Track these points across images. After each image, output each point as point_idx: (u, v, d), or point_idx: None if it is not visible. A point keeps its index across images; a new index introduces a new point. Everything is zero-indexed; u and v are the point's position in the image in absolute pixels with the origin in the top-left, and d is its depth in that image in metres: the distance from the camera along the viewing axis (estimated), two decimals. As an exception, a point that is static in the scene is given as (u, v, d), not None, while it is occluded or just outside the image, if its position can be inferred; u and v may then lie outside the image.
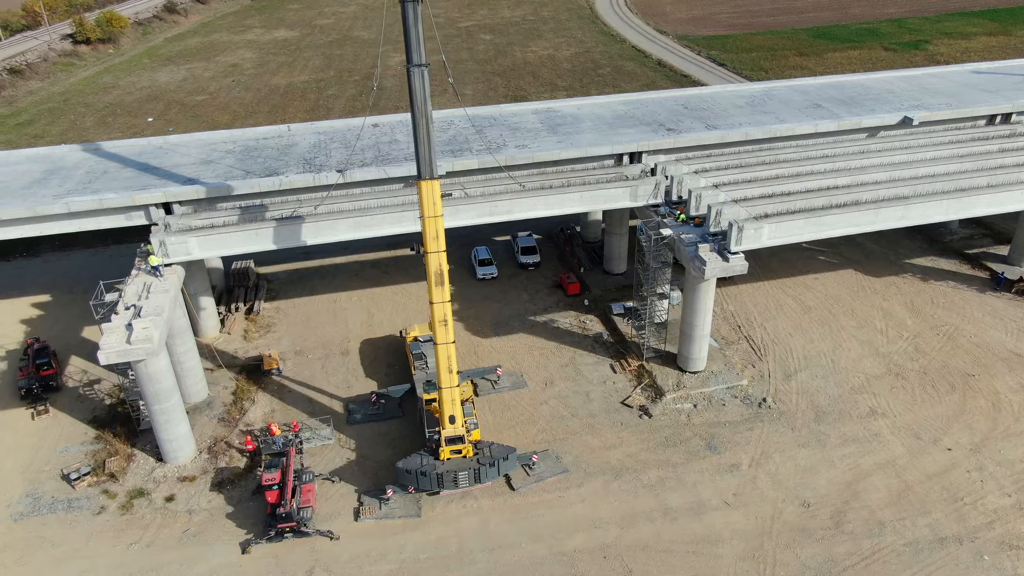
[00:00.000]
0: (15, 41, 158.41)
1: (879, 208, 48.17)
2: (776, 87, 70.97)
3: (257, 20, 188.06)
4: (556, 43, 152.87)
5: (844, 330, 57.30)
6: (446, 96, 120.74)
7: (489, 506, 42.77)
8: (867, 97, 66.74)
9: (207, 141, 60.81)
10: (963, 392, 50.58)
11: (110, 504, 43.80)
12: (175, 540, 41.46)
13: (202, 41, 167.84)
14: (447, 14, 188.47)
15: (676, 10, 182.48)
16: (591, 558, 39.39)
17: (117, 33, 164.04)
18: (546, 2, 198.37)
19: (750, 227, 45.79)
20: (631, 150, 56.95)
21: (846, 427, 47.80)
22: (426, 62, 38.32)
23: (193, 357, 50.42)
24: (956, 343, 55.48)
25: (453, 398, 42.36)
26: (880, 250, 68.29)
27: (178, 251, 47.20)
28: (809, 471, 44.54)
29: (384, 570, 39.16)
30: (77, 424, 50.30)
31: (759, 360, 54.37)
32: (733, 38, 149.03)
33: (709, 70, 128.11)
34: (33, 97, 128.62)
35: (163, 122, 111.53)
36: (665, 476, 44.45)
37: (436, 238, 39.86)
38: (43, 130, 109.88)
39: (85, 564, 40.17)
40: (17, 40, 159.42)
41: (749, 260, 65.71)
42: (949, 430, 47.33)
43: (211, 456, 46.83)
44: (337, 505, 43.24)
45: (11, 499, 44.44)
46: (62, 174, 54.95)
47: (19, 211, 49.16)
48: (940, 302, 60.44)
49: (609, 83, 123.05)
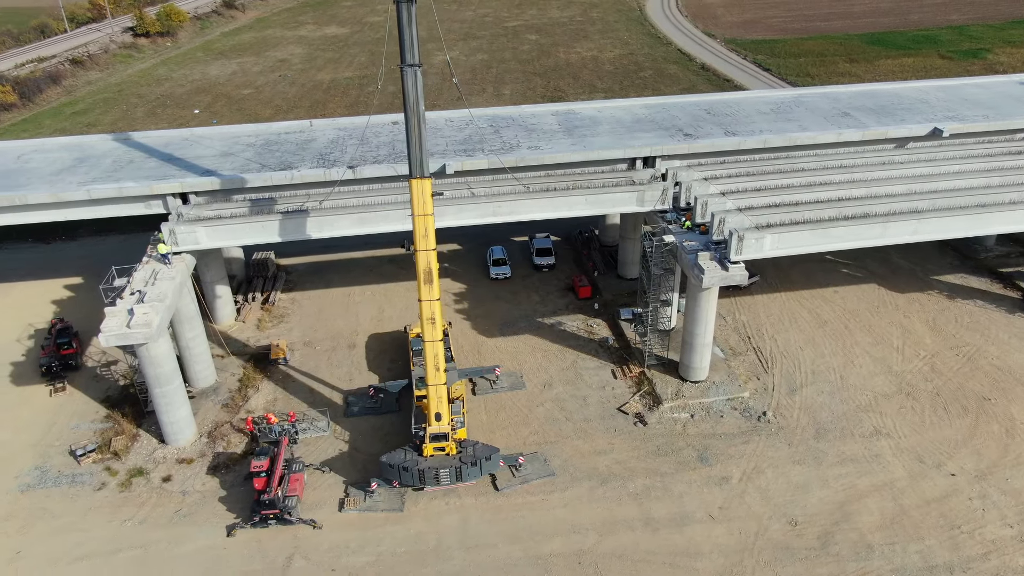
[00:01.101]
0: (80, 33, 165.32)
1: (888, 222, 46.60)
2: (806, 94, 69.27)
3: (310, 16, 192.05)
4: (601, 44, 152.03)
5: (858, 346, 55.63)
6: (485, 96, 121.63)
7: (471, 504, 42.98)
8: (900, 107, 64.62)
9: (231, 134, 62.49)
10: (976, 416, 48.60)
11: (111, 481, 45.49)
12: (166, 519, 42.85)
13: (256, 36, 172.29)
14: (496, 13, 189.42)
15: (728, 13, 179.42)
16: (565, 563, 39.23)
17: (176, 27, 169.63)
18: (597, 3, 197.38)
19: (751, 237, 44.87)
20: (644, 154, 56.36)
21: (846, 446, 46.44)
22: (419, 62, 38.56)
23: (201, 343, 51.94)
24: (976, 365, 53.31)
25: (440, 395, 42.67)
26: (908, 265, 66.05)
27: (187, 240, 48.68)
28: (801, 489, 43.44)
29: (360, 562, 39.74)
30: (90, 403, 52.36)
31: (765, 372, 53.22)
32: (782, 42, 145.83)
33: (753, 75, 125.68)
34: (91, 87, 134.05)
35: (208, 114, 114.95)
36: (652, 485, 43.93)
37: (425, 236, 40.21)
38: (96, 119, 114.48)
39: (80, 537, 41.84)
40: (82, 32, 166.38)
41: (768, 270, 65.42)
42: (955, 455, 45.55)
43: (210, 440, 48.21)
44: (324, 495, 44.03)
45: (21, 470, 46.57)
46: (90, 162, 57.20)
47: (44, 196, 51.44)
48: (964, 321, 58.14)
49: (649, 86, 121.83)
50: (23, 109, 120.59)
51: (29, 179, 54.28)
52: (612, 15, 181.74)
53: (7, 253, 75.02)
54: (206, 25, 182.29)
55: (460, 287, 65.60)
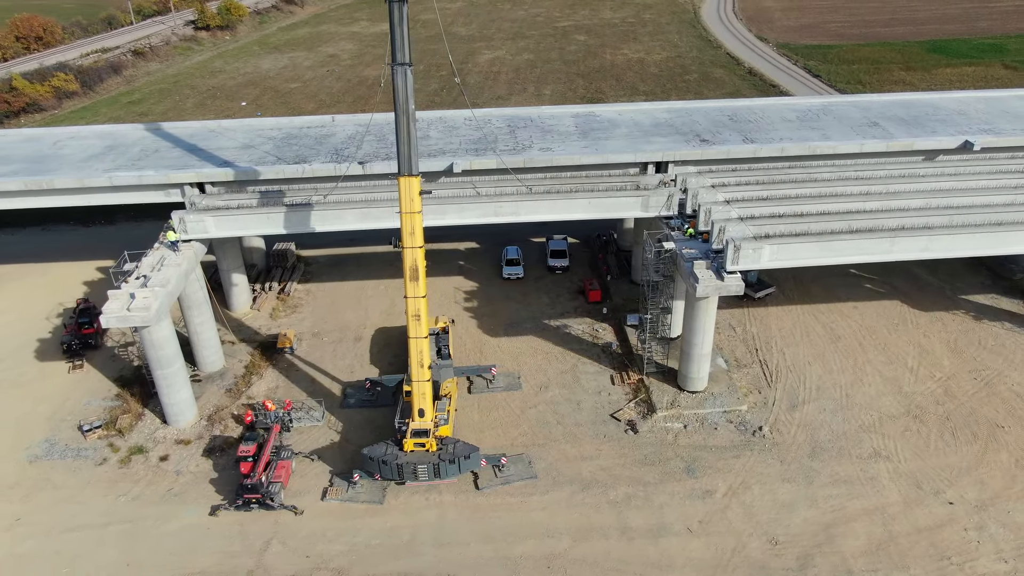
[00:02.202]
0: (144, 25, 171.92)
1: (896, 237, 44.89)
2: (836, 102, 67.26)
3: (365, 13, 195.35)
4: (649, 46, 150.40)
5: (869, 364, 53.79)
6: (525, 96, 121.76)
7: (450, 502, 43.23)
8: (934, 118, 62.15)
9: (255, 127, 64.18)
10: (985, 443, 46.46)
11: (112, 457, 47.35)
12: (158, 497, 44.39)
13: (311, 31, 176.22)
14: (548, 13, 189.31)
15: (785, 17, 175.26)
16: (534, 566, 39.13)
17: (235, 21, 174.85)
18: (651, 4, 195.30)
19: (748, 247, 43.83)
20: (656, 159, 55.65)
21: (841, 466, 44.98)
22: (410, 61, 38.95)
23: (209, 329, 53.54)
24: (993, 390, 50.94)
25: (423, 392, 43.10)
26: (937, 283, 63.47)
27: (196, 229, 50.25)
28: (787, 507, 42.28)
29: (334, 550, 40.43)
30: (104, 381, 54.56)
31: (767, 386, 51.95)
32: (837, 48, 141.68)
33: (802, 81, 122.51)
34: (149, 78, 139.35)
35: (254, 106, 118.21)
36: (633, 494, 43.40)
37: (412, 234, 40.64)
38: (149, 108, 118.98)
39: (77, 508, 43.70)
40: (147, 24, 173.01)
41: (787, 283, 63.76)
42: (957, 483, 43.64)
43: (209, 424, 49.69)
44: (310, 483, 44.92)
45: (32, 442, 48.85)
46: (119, 150, 59.56)
47: (69, 181, 53.83)
48: (988, 344, 55.60)
49: (692, 90, 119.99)
50: (84, 97, 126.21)
51: (60, 165, 56.87)
52: (665, 17, 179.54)
53: (50, 235, 78.67)
54: (265, 20, 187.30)
55: (472, 285, 65.91)
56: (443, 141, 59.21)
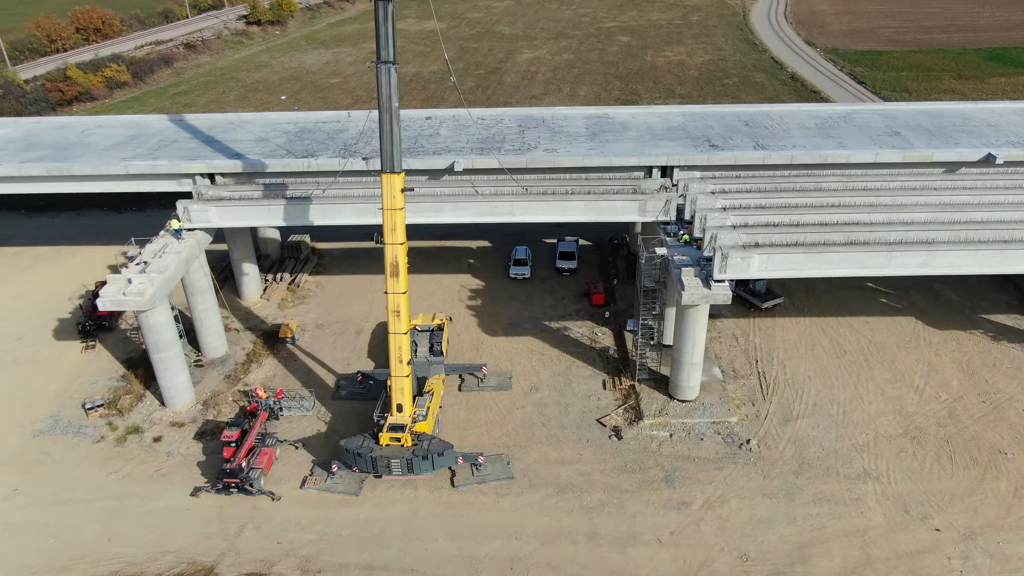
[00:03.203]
0: (199, 19, 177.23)
1: (892, 251, 43.30)
2: (860, 110, 65.18)
3: (413, 10, 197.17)
4: (692, 49, 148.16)
5: (872, 381, 52.08)
6: (559, 96, 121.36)
7: (424, 497, 43.54)
8: (961, 129, 59.70)
9: (272, 121, 65.58)
10: (985, 470, 44.52)
11: (109, 435, 49.10)
12: (147, 476, 45.88)
13: (358, 28, 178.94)
14: (595, 13, 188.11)
15: (838, 22, 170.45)
16: (498, 566, 39.12)
17: (286, 16, 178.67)
18: (700, 6, 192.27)
19: (736, 255, 42.88)
20: (660, 163, 54.86)
21: (827, 485, 43.69)
22: (394, 60, 39.29)
23: (212, 316, 55.00)
24: (1001, 415, 48.76)
25: (401, 387, 43.49)
26: (957, 300, 61.03)
27: (199, 218, 51.69)
28: (763, 524, 41.28)
29: (304, 538, 41.16)
30: (113, 362, 56.59)
31: (762, 399, 50.78)
32: (888, 55, 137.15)
33: (845, 87, 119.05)
34: (198, 71, 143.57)
35: (293, 100, 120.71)
36: (608, 501, 42.98)
37: (393, 230, 41.01)
38: (193, 100, 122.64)
39: (70, 483, 45.49)
40: (201, 18, 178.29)
41: (799, 294, 62.15)
42: (948, 509, 41.93)
43: (204, 408, 51.09)
44: (292, 470, 45.81)
45: (38, 417, 51.00)
46: (140, 140, 61.61)
47: (87, 168, 55.96)
48: (1003, 367, 53.23)
49: (730, 94, 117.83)
50: (134, 87, 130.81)
51: (83, 152, 59.14)
52: (713, 19, 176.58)
53: (84, 219, 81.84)
54: (315, 15, 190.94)
55: (478, 284, 66.13)
56: (451, 139, 59.51)
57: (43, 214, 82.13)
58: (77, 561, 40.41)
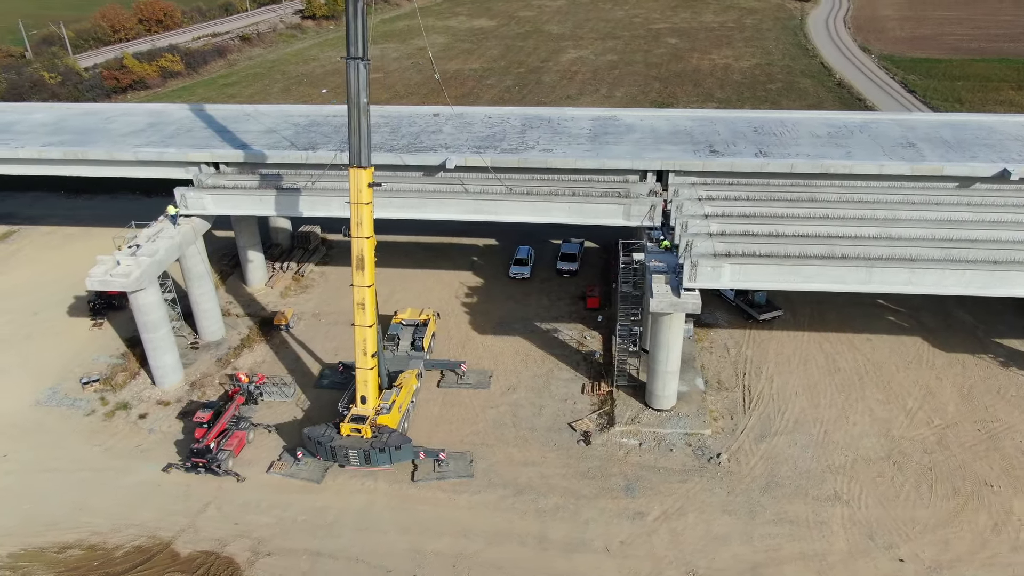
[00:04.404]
0: (258, 12, 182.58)
1: (873, 267, 41.52)
2: (877, 119, 62.76)
3: (466, 8, 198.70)
4: (740, 52, 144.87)
5: (863, 401, 50.14)
6: (595, 97, 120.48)
7: (383, 489, 44.02)
8: (984, 142, 56.78)
9: (285, 113, 67.16)
10: (965, 502, 42.35)
11: (99, 410, 51.25)
12: (126, 451, 47.74)
13: (408, 24, 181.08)
14: (647, 15, 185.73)
15: (900, 27, 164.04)
16: (440, 563, 39.29)
17: (340, 11, 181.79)
18: (756, 9, 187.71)
19: (706, 264, 41.87)
20: (654, 168, 54.02)
21: (792, 505, 42.31)
22: (363, 56, 39.80)
23: (209, 300, 56.75)
24: (996, 445, 46.30)
25: (365, 379, 44.07)
26: (971, 322, 58.13)
27: (195, 205, 53.41)
28: (718, 540, 40.26)
29: (261, 521, 42.15)
30: (117, 340, 58.98)
31: (742, 413, 49.47)
32: (945, 63, 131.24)
33: (894, 96, 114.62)
34: (250, 63, 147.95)
35: (333, 94, 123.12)
36: (563, 505, 42.62)
37: (360, 224, 41.59)
38: (238, 91, 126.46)
39: (56, 452, 47.71)
40: (260, 12, 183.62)
41: (803, 307, 60.21)
42: (917, 539, 40.09)
43: (192, 388, 52.80)
44: (262, 454, 46.92)
45: (40, 388, 53.57)
46: (157, 127, 63.99)
47: (100, 154, 58.48)
48: (1007, 394, 50.53)
49: (771, 99, 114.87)
50: (186, 77, 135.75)
51: (102, 138, 61.81)
52: (768, 22, 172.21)
53: (118, 202, 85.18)
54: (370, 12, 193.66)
55: (478, 281, 66.33)
56: (452, 137, 59.84)
57: (80, 196, 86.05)
58: (48, 527, 42.37)
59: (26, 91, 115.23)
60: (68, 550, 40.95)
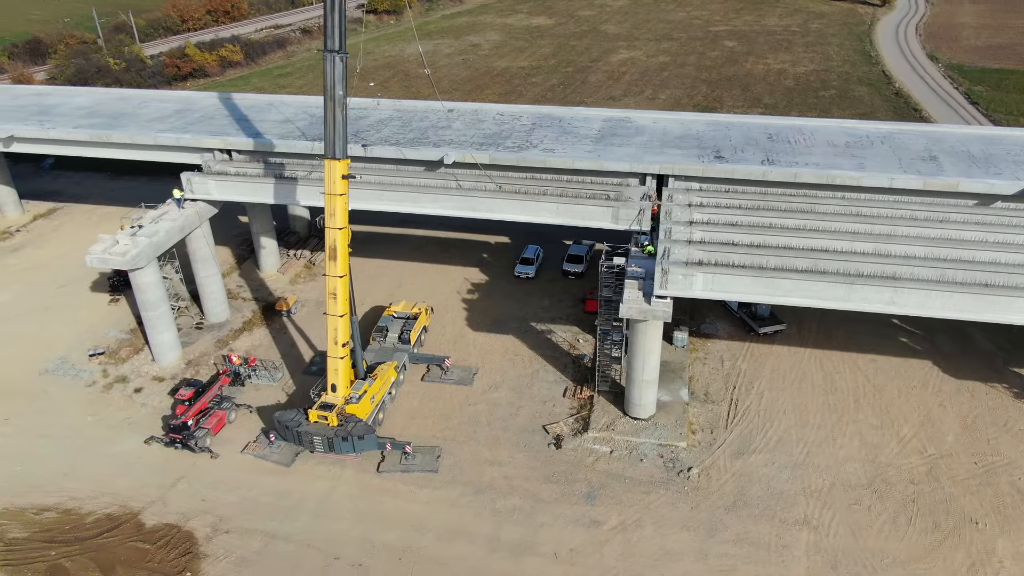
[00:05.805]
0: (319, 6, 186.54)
1: (852, 284, 39.56)
2: (903, 130, 59.78)
3: (527, 6, 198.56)
4: (798, 57, 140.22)
5: (854, 424, 47.97)
6: (639, 99, 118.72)
7: (347, 478, 44.62)
8: (1014, 159, 53.41)
9: (305, 104, 68.75)
10: (945, 538, 40.05)
11: (100, 382, 53.61)
12: (116, 423, 49.79)
13: (468, 20, 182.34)
14: (708, 17, 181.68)
15: (975, 36, 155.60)
16: (387, 555, 39.58)
17: (402, 6, 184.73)
18: (824, 13, 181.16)
19: (678, 272, 40.76)
20: (653, 171, 52.97)
21: (756, 526, 40.85)
22: (339, 48, 40.30)
23: (214, 283, 58.57)
24: (991, 480, 43.60)
25: (335, 368, 44.70)
26: (990, 348, 54.85)
27: (200, 190, 55.19)
28: (671, 556, 39.24)
29: (227, 499, 43.32)
30: (129, 316, 61.49)
31: (723, 428, 48.04)
32: (1016, 74, 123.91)
33: (954, 107, 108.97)
34: (307, 54, 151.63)
35: (379, 88, 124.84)
36: (520, 507, 42.30)
37: (333, 215, 42.17)
38: (290, 82, 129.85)
39: (53, 419, 50.18)
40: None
41: (810, 322, 57.97)
42: (883, 573, 38.14)
43: (188, 366, 54.64)
44: (240, 434, 48.20)
45: (49, 357, 56.39)
46: (183, 114, 66.40)
47: (123, 137, 61.09)
48: (1015, 428, 47.50)
49: (821, 107, 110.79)
50: (244, 67, 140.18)
51: (130, 122, 64.59)
52: (834, 27, 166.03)
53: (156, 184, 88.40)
54: (432, 7, 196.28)
55: (483, 279, 66.35)
56: (459, 133, 60.03)
57: (123, 177, 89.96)
58: (33, 489, 44.63)
59: (91, 76, 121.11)
60: (45, 512, 43.04)
